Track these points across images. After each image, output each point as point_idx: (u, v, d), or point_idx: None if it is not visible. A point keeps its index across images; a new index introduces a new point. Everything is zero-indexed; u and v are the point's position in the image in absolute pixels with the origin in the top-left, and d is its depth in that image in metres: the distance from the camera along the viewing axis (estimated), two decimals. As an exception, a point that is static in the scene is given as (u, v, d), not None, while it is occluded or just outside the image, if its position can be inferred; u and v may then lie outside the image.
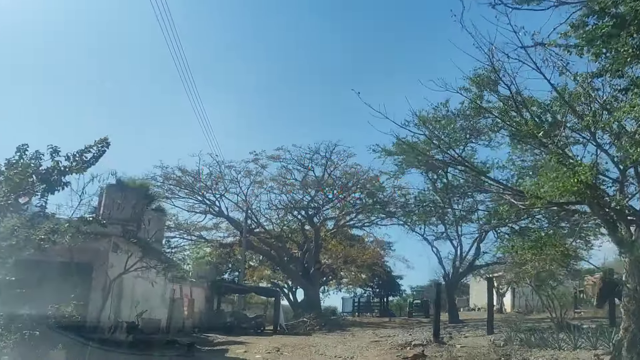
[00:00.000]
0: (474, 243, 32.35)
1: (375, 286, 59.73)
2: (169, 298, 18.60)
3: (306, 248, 39.95)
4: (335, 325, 32.72)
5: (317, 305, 37.62)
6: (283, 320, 28.81)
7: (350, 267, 44.95)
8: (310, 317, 32.74)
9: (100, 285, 11.92)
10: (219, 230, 40.59)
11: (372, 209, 32.84)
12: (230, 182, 36.69)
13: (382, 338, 22.43)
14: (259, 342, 20.09)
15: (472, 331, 23.54)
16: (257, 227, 38.34)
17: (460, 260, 32.56)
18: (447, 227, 31.82)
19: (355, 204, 36.56)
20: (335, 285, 53.12)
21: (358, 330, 29.76)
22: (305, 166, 36.05)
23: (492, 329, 21.64)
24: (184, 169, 34.70)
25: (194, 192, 35.97)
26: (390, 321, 41.00)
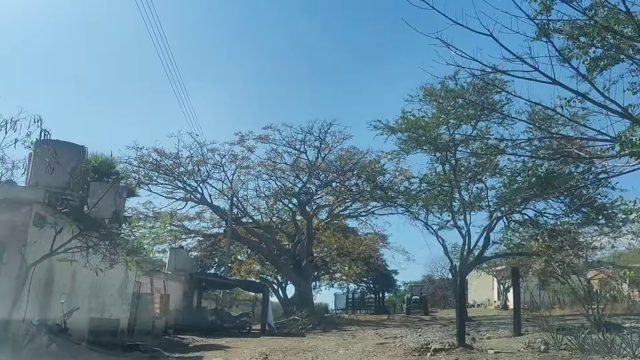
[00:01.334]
0: (484, 232, 29.10)
1: (370, 281, 56.61)
2: (131, 293, 15.20)
3: (297, 239, 36.62)
4: (331, 324, 29.46)
5: (309, 301, 34.32)
6: (272, 318, 25.46)
7: (345, 261, 41.69)
8: (303, 315, 29.57)
9: (12, 271, 8.47)
10: (203, 220, 37.16)
11: (372, 193, 29.43)
12: (213, 167, 33.26)
13: (387, 339, 19.18)
14: (243, 345, 16.74)
15: (491, 331, 20.34)
16: (244, 216, 34.87)
17: (469, 250, 29.31)
18: (454, 214, 28.54)
19: (351, 189, 33.21)
20: (327, 280, 49.77)
21: (357, 330, 26.50)
22: (296, 148, 32.65)
23: (519, 329, 18.40)
24: (161, 151, 31.17)
25: (173, 177, 32.44)
26: (389, 319, 37.84)
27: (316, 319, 29.91)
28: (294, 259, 36.23)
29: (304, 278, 34.60)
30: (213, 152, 33.09)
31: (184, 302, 23.52)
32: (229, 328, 22.08)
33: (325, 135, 31.87)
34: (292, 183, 34.27)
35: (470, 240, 29.47)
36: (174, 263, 23.93)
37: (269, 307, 24.82)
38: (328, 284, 56.44)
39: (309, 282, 36.15)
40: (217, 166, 33.41)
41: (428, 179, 27.19)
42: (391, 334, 21.32)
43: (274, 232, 37.35)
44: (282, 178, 34.04)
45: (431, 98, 25.64)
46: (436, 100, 25.79)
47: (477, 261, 30.13)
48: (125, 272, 13.77)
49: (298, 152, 32.70)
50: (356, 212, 37.45)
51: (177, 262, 23.93)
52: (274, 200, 35.58)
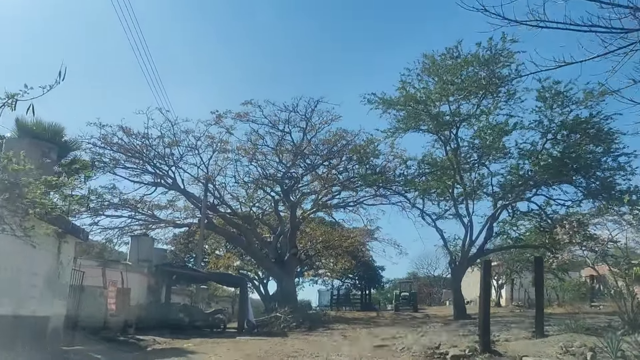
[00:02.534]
0: (487, 222, 26.39)
1: (356, 278, 53.81)
2: (68, 285, 12.08)
3: (280, 231, 33.60)
4: (316, 321, 26.52)
5: (292, 298, 31.32)
6: (252, 315, 22.43)
7: (331, 255, 38.76)
8: (285, 312, 26.57)
9: None
10: (176, 209, 33.81)
11: (364, 177, 26.40)
12: (187, 150, 30.04)
13: (385, 340, 16.35)
14: (213, 348, 13.76)
15: (504, 331, 17.53)
16: (220, 203, 31.64)
17: (471, 242, 26.60)
18: (456, 201, 25.78)
19: (339, 174, 30.29)
20: (311, 276, 46.79)
21: (346, 329, 23.61)
22: (280, 129, 29.59)
23: (542, 329, 15.62)
24: (127, 129, 27.83)
25: (142, 160, 29.13)
26: (378, 316, 35.01)
27: (300, 316, 26.98)
28: (276, 252, 33.23)
29: (286, 272, 31.60)
30: (187, 134, 29.96)
31: (150, 297, 20.37)
32: (200, 327, 19.04)
33: (311, 114, 28.88)
34: (274, 168, 31.22)
35: (473, 231, 26.79)
36: (137, 253, 20.77)
37: (248, 302, 21.81)
38: (311, 280, 53.62)
39: (292, 277, 33.17)
40: (192, 149, 30.25)
41: (428, 160, 24.33)
42: (387, 333, 18.47)
43: (254, 223, 34.26)
44: (263, 162, 30.93)
45: (432, 68, 22.82)
46: (437, 74, 23.03)
47: (479, 254, 27.44)
48: (56, 257, 10.67)
49: (282, 132, 29.65)
50: (344, 202, 34.54)
51: (140, 251, 20.77)
52: (255, 187, 32.46)
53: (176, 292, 32.39)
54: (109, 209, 30.35)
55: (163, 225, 32.37)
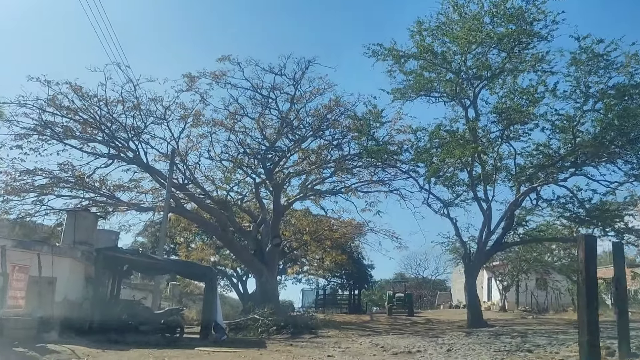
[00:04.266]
0: (508, 211, 21.92)
1: (344, 277, 49.17)
2: None
3: (261, 218, 28.88)
4: (302, 326, 21.90)
5: (273, 296, 26.64)
6: (222, 317, 17.60)
7: (318, 248, 34.06)
8: (265, 313, 22.02)
9: None
10: (141, 190, 28.76)
11: (367, 148, 21.59)
12: (155, 120, 25.20)
13: (400, 357, 11.81)
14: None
15: (555, 345, 13.08)
16: (190, 182, 26.61)
17: (489, 232, 22.15)
18: (474, 182, 21.32)
19: (332, 151, 25.68)
20: (294, 273, 41.88)
21: (339, 336, 19.04)
22: (264, 95, 24.86)
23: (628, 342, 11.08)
24: (77, 88, 22.88)
25: (99, 128, 24.16)
26: (373, 320, 30.50)
27: (282, 319, 22.39)
28: (256, 243, 28.51)
29: (267, 266, 26.88)
30: (155, 102, 25.12)
31: (88, 291, 15.49)
32: (148, 332, 14.20)
33: (301, 78, 24.17)
34: (257, 142, 26.45)
35: (491, 219, 22.35)
36: (72, 233, 15.90)
37: (217, 300, 16.95)
38: (294, 279, 48.81)
39: (274, 272, 28.40)
40: (160, 120, 25.42)
41: (446, 128, 19.76)
42: (397, 345, 13.90)
43: (231, 209, 29.43)
44: (243, 137, 26.18)
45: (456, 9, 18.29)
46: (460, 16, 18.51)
47: (496, 247, 23.01)
48: None
49: (266, 99, 24.92)
50: (335, 189, 29.90)
51: (77, 231, 15.90)
52: (233, 166, 27.65)
53: (138, 288, 27.50)
54: (59, 187, 25.60)
55: (124, 208, 27.38)
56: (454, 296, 55.25)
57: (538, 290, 40.65)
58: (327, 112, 24.38)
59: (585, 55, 19.40)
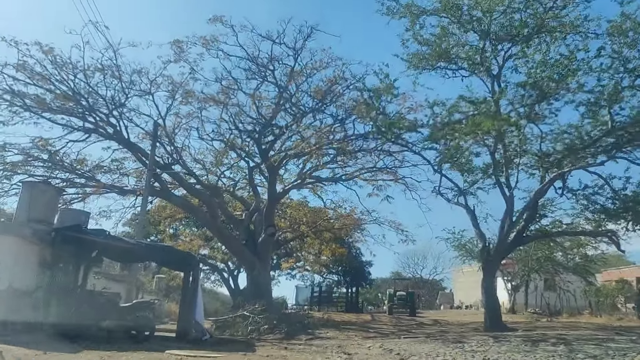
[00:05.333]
0: (534, 199, 19.38)
1: (340, 273, 46.60)
2: None
3: (255, 206, 26.31)
4: (297, 326, 19.37)
5: (266, 292, 24.07)
6: (202, 314, 14.94)
7: (315, 241, 31.43)
8: (255, 310, 19.55)
9: None
10: (124, 172, 26.04)
11: (375, 124, 18.79)
12: (138, 93, 22.56)
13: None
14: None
15: (616, 357, 10.51)
16: (176, 162, 23.87)
17: (511, 223, 19.60)
18: (498, 165, 18.74)
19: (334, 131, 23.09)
20: (290, 266, 39.13)
21: (340, 337, 16.58)
22: (260, 65, 22.23)
23: None
24: (47, 49, 20.19)
25: (75, 99, 21.48)
26: (373, 320, 27.96)
27: (275, 317, 19.83)
28: (248, 232, 25.91)
29: (260, 258, 24.29)
30: (139, 74, 22.48)
31: (42, 279, 12.86)
32: (112, 330, 11.58)
33: (302, 47, 21.59)
34: (252, 119, 23.81)
35: (513, 209, 19.82)
36: (27, 209, 13.23)
37: (198, 294, 14.30)
38: (288, 274, 46.17)
39: (267, 264, 25.82)
40: (144, 93, 22.79)
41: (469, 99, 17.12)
42: (416, 352, 11.34)
43: (222, 196, 26.80)
44: (237, 113, 23.54)
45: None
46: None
47: (517, 241, 20.47)
48: None
49: (264, 70, 22.31)
50: (335, 176, 27.32)
51: (32, 207, 13.21)
52: (225, 147, 25.02)
53: (116, 279, 24.84)
54: (32, 165, 23.05)
55: (102, 189, 24.70)
56: (456, 296, 52.80)
57: (546, 292, 38.25)
58: (330, 85, 21.75)
59: (629, 22, 16.97)
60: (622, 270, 37.05)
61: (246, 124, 23.94)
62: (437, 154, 19.50)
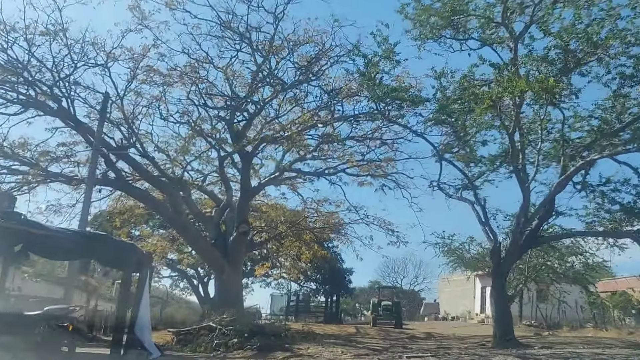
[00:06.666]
0: (554, 192, 16.53)
1: (319, 281, 43.36)
2: None
3: (226, 201, 23.09)
4: (273, 338, 16.17)
5: (237, 299, 20.80)
6: (149, 324, 11.44)
7: (294, 242, 28.08)
8: (223, 321, 16.40)
9: None
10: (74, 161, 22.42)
11: (374, 91, 15.61)
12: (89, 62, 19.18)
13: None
14: None
15: None
16: (132, 144, 20.34)
17: (526, 219, 16.72)
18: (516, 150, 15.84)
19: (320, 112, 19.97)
20: (264, 272, 35.55)
21: (325, 355, 13.40)
22: (236, 32, 19.05)
23: None
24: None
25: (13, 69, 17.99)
26: (358, 332, 24.79)
27: (247, 328, 16.54)
28: (218, 231, 22.63)
29: (230, 260, 21.03)
30: (94, 47, 19.10)
31: None
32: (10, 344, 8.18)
33: (283, 13, 18.50)
34: (225, 96, 20.53)
35: (529, 204, 16.92)
36: None
37: (143, 299, 10.89)
38: (262, 281, 42.71)
39: (238, 267, 22.52)
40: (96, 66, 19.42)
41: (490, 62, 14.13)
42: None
43: (188, 189, 23.35)
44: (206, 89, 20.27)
45: None
46: None
47: (531, 241, 17.59)
48: None
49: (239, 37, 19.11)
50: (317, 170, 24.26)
51: None
52: (192, 129, 21.70)
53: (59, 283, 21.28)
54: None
55: (47, 179, 21.16)
56: (441, 307, 49.95)
57: (539, 303, 35.58)
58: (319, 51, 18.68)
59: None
60: (619, 280, 34.68)
61: (217, 102, 20.69)
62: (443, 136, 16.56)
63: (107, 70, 19.52)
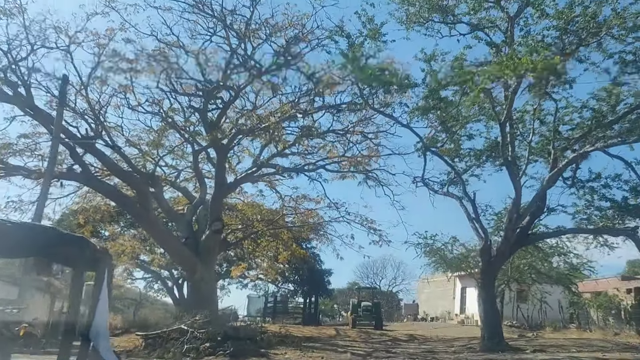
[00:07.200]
0: (546, 186, 15.70)
1: (297, 282, 42.14)
2: None
3: (199, 198, 21.88)
4: (248, 342, 15.05)
5: (210, 300, 19.58)
6: (106, 330, 10.28)
7: (270, 243, 26.88)
8: (195, 324, 15.27)
9: None
10: (38, 154, 20.90)
11: (361, 72, 14.52)
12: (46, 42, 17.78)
13: None
14: None
15: None
16: (98, 134, 18.93)
17: (518, 217, 15.85)
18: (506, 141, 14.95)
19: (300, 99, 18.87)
20: (240, 273, 34.18)
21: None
22: (208, 14, 17.86)
23: None
24: None
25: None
26: (338, 334, 23.75)
27: (220, 331, 15.39)
28: (190, 229, 21.38)
29: (203, 260, 19.78)
30: (56, 31, 17.73)
31: None
32: None
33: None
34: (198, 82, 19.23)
35: (520, 199, 16.08)
36: None
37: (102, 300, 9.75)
38: (239, 283, 41.34)
39: (211, 267, 21.27)
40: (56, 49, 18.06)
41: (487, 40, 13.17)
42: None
43: (160, 185, 22.01)
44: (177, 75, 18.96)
45: None
46: None
47: (522, 240, 16.73)
48: None
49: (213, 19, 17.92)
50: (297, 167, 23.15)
51: None
52: (163, 122, 20.41)
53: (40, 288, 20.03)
54: None
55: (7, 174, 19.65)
56: (420, 307, 49.17)
57: (520, 303, 34.97)
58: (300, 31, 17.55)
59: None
60: (600, 281, 34.27)
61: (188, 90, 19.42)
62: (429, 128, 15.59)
63: (69, 56, 18.21)
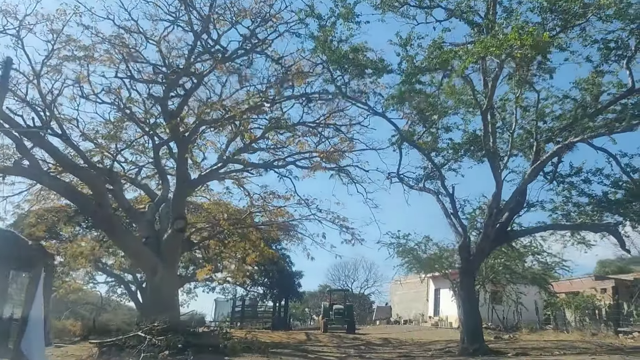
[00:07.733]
0: (528, 180, 14.92)
1: (267, 285, 40.79)
2: None
3: (161, 196, 20.52)
4: (211, 350, 13.85)
5: (171, 304, 18.19)
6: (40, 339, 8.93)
7: (239, 244, 25.60)
8: (154, 329, 14.02)
9: None
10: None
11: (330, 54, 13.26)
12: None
13: None
14: None
15: None
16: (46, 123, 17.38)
17: (499, 212, 15.02)
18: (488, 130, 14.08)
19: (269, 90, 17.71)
20: (206, 276, 32.72)
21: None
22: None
23: None
24: None
25: None
26: (309, 339, 22.60)
27: (181, 338, 14.15)
28: (151, 229, 19.95)
29: (164, 260, 18.41)
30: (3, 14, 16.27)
31: None
32: None
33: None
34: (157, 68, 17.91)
35: (501, 192, 15.27)
36: None
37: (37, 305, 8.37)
38: (206, 286, 39.76)
39: (173, 268, 19.86)
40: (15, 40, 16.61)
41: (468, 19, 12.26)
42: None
43: (118, 181, 20.53)
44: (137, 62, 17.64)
45: None
46: None
47: (501, 237, 15.92)
48: None
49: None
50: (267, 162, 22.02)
51: None
52: (121, 112, 19.00)
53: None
54: None
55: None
56: (393, 310, 48.35)
57: (495, 305, 34.40)
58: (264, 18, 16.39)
59: None
60: (573, 281, 33.94)
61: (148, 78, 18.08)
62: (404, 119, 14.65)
63: (19, 42, 16.75)
